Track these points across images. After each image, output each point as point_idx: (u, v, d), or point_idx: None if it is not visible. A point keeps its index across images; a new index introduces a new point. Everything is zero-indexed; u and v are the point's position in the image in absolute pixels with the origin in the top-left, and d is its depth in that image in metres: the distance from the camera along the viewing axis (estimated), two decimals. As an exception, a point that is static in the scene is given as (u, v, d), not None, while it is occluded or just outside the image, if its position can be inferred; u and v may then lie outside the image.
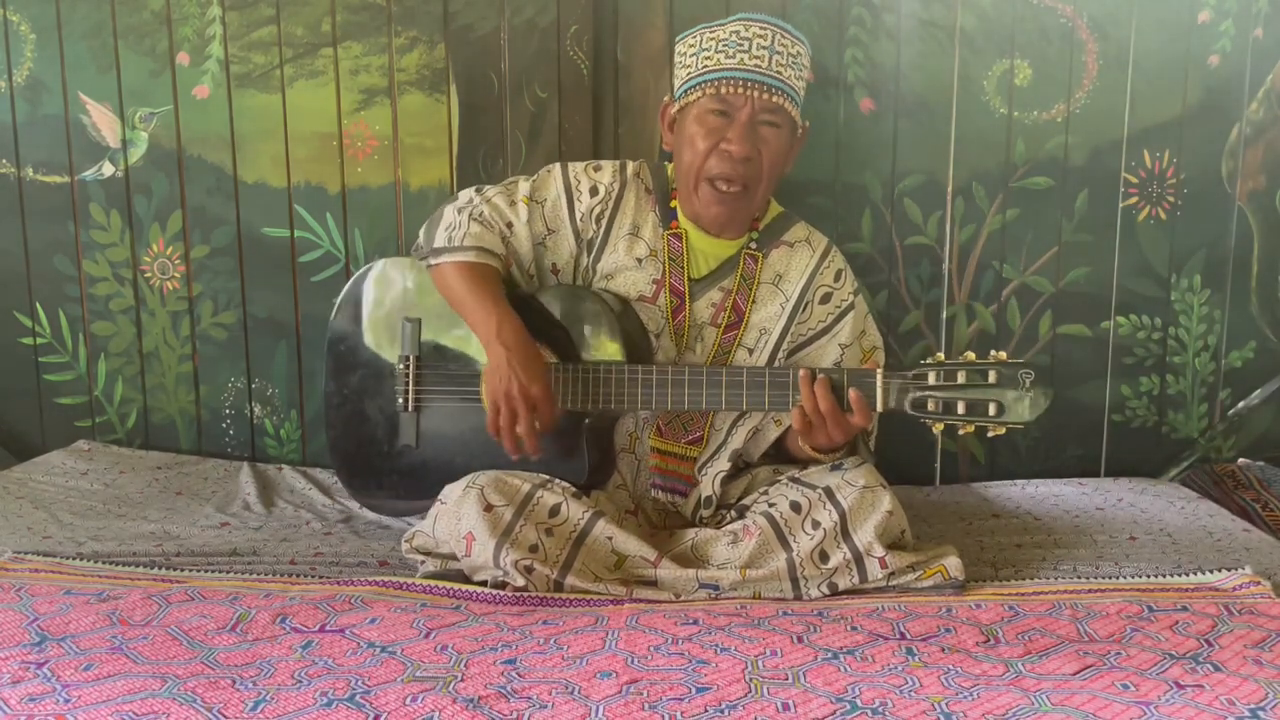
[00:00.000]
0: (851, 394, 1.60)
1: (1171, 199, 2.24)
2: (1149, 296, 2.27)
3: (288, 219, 2.30)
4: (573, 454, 1.75)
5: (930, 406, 1.58)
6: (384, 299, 1.92)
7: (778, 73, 1.69)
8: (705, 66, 1.71)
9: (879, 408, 1.61)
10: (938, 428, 1.61)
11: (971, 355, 1.59)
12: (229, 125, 2.28)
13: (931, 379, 1.59)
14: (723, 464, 1.80)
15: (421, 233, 1.88)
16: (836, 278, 1.84)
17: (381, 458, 1.88)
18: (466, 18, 2.22)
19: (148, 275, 2.35)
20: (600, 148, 2.23)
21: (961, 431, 1.60)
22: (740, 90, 1.68)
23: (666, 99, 1.81)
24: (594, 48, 2.20)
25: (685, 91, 1.73)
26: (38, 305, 2.37)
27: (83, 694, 1.18)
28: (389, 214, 2.28)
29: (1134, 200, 2.25)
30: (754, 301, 1.80)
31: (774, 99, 1.69)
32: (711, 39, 1.72)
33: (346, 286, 1.97)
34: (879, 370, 1.62)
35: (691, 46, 1.75)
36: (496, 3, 2.21)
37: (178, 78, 2.28)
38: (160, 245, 2.33)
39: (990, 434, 1.58)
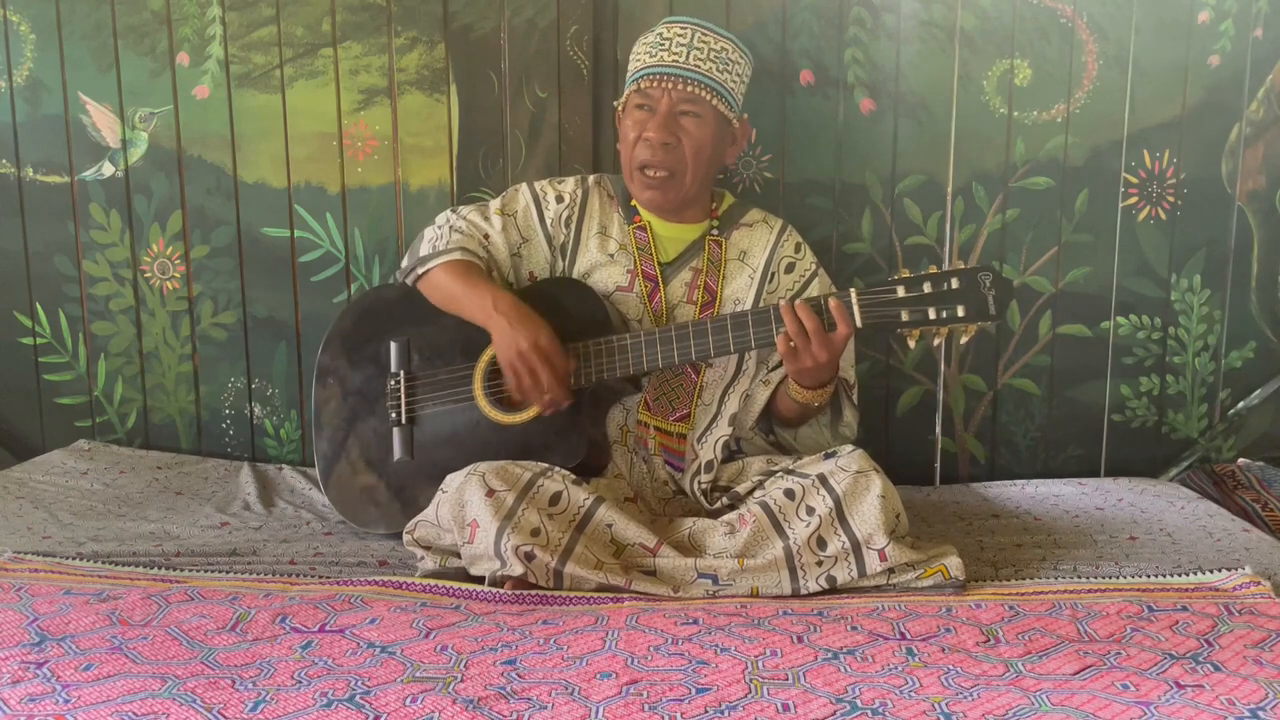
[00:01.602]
0: (831, 302, 1.67)
1: (1171, 199, 2.24)
2: (1149, 296, 2.27)
3: (288, 219, 2.30)
4: (570, 433, 1.77)
5: (904, 318, 1.65)
6: (368, 325, 1.97)
7: (695, 66, 1.81)
8: (634, 69, 1.87)
9: (858, 323, 1.67)
10: (914, 336, 1.67)
11: (934, 269, 1.67)
12: (229, 125, 2.28)
13: (901, 292, 1.66)
14: (723, 428, 1.85)
15: (405, 259, 1.95)
16: (797, 249, 1.95)
17: (377, 478, 1.90)
18: (466, 18, 2.22)
19: (148, 275, 2.35)
20: (600, 148, 2.23)
21: (936, 341, 1.66)
22: (657, 83, 1.82)
23: (616, 104, 1.94)
24: (594, 48, 2.20)
25: (624, 93, 1.89)
26: (38, 305, 2.37)
27: (83, 694, 1.18)
28: (389, 214, 2.28)
29: (1134, 200, 2.25)
30: (724, 278, 1.90)
31: (689, 89, 1.81)
32: (643, 44, 1.88)
33: (333, 322, 2.01)
34: (852, 290, 1.68)
35: (633, 53, 1.90)
36: (496, 3, 2.21)
37: (178, 78, 2.28)
38: (160, 245, 2.33)
39: (963, 339, 1.65)
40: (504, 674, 1.24)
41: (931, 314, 1.64)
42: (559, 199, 1.92)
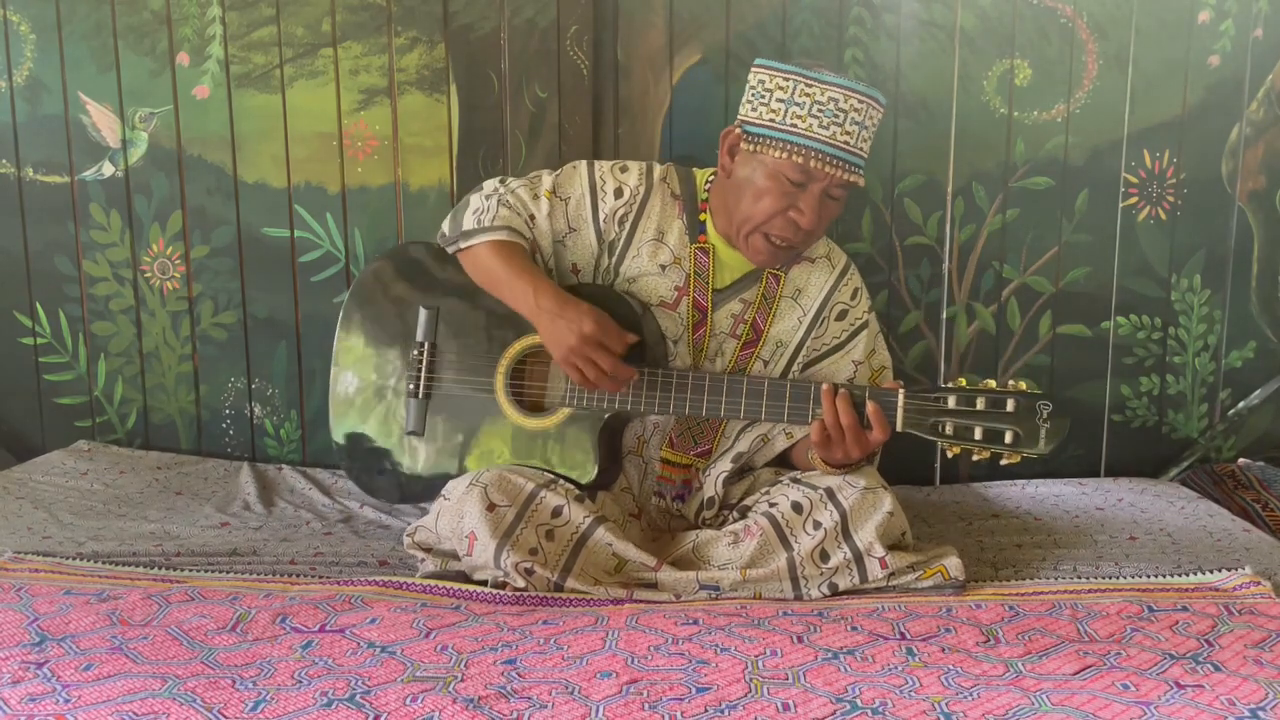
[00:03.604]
0: (870, 407, 1.61)
1: (1171, 199, 2.24)
2: (1149, 296, 2.27)
3: (288, 219, 2.30)
4: (583, 454, 1.75)
5: (948, 430, 1.59)
6: (403, 283, 1.92)
7: (860, 149, 1.68)
8: (794, 127, 1.65)
9: (898, 427, 1.62)
10: (953, 451, 1.61)
11: (992, 383, 1.61)
12: (229, 125, 2.28)
13: (951, 403, 1.60)
14: (725, 465, 1.80)
15: (446, 222, 1.88)
16: (853, 296, 1.85)
17: (388, 444, 1.89)
18: (466, 18, 2.22)
19: (148, 275, 2.35)
20: (600, 148, 2.23)
21: (976, 458, 1.60)
22: (824, 165, 1.65)
23: (736, 130, 1.73)
24: (594, 48, 2.20)
25: (765, 137, 1.67)
26: (38, 305, 2.37)
27: (83, 694, 1.18)
28: (389, 214, 2.28)
29: (1134, 200, 2.25)
30: (773, 316, 1.81)
31: (850, 178, 1.67)
32: (806, 96, 1.65)
33: (362, 271, 1.98)
34: (901, 390, 1.62)
35: (782, 89, 1.67)
36: (496, 3, 2.21)
37: (178, 78, 2.28)
38: (160, 245, 2.33)
39: (1004, 461, 1.59)
40: (504, 673, 1.24)
41: (977, 433, 1.58)
42: (618, 193, 1.79)
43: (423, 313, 1.87)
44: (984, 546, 1.83)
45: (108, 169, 2.32)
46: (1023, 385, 1.59)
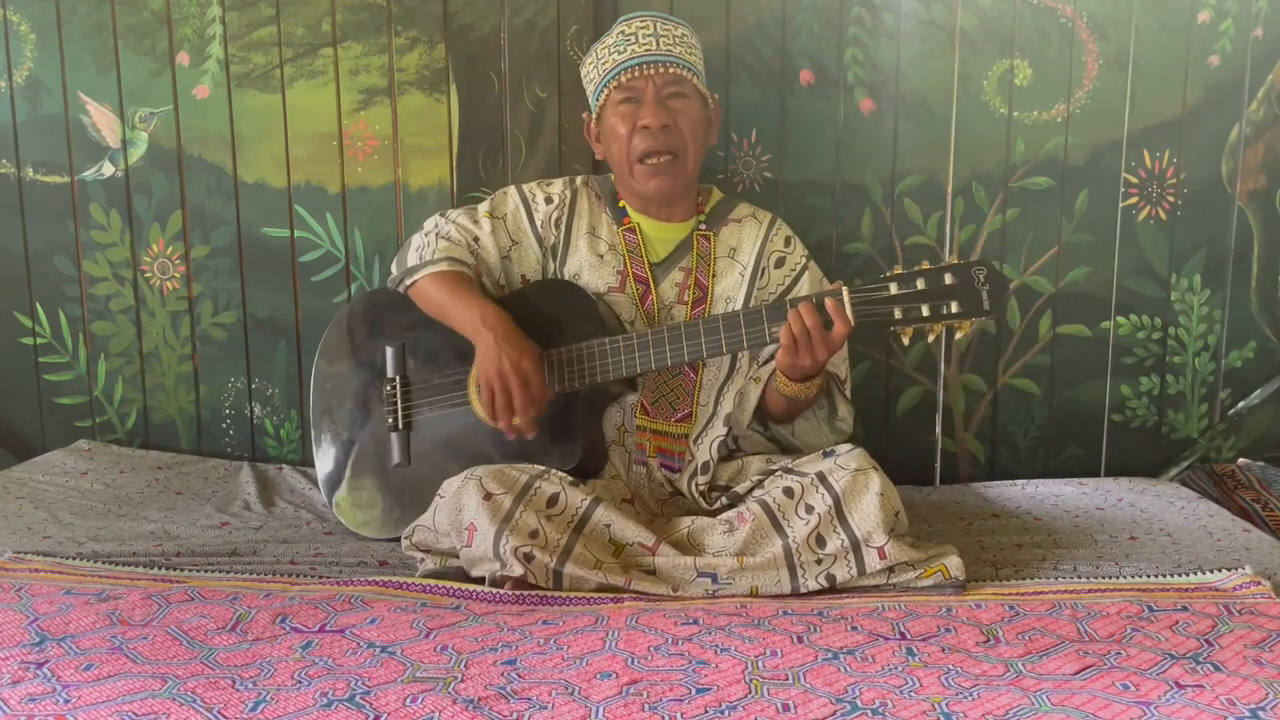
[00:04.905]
0: (829, 303, 1.64)
1: (1171, 199, 2.24)
2: (1149, 296, 2.27)
3: (288, 219, 2.30)
4: (566, 437, 1.78)
5: (897, 315, 1.63)
6: (363, 330, 1.98)
7: (668, 51, 1.83)
8: (604, 71, 1.86)
9: (850, 321, 1.65)
10: (906, 334, 1.65)
11: (927, 264, 1.65)
12: (229, 125, 2.28)
13: (894, 289, 1.63)
14: (719, 429, 1.85)
15: (394, 265, 1.96)
16: (786, 243, 1.94)
17: (375, 482, 1.90)
18: (466, 18, 2.22)
19: (148, 275, 2.35)
20: (600, 148, 2.23)
21: (931, 337, 1.64)
22: (639, 72, 1.82)
23: (586, 115, 1.95)
24: (594, 48, 2.20)
25: (596, 98, 1.88)
26: (38, 305, 2.37)
27: (83, 694, 1.18)
28: (389, 214, 2.28)
29: (1134, 200, 2.25)
30: (714, 275, 1.89)
31: (672, 71, 1.82)
32: (603, 48, 1.87)
33: (328, 327, 2.03)
34: (844, 287, 1.65)
35: (590, 63, 1.90)
36: (496, 3, 2.21)
37: (178, 78, 2.28)
38: (160, 245, 2.33)
39: (958, 334, 1.65)
40: (504, 674, 1.24)
41: (925, 311, 1.62)
42: (548, 200, 1.92)
43: (388, 350, 1.92)
44: (984, 546, 1.83)
45: (108, 169, 2.32)
46: (954, 259, 1.62)
